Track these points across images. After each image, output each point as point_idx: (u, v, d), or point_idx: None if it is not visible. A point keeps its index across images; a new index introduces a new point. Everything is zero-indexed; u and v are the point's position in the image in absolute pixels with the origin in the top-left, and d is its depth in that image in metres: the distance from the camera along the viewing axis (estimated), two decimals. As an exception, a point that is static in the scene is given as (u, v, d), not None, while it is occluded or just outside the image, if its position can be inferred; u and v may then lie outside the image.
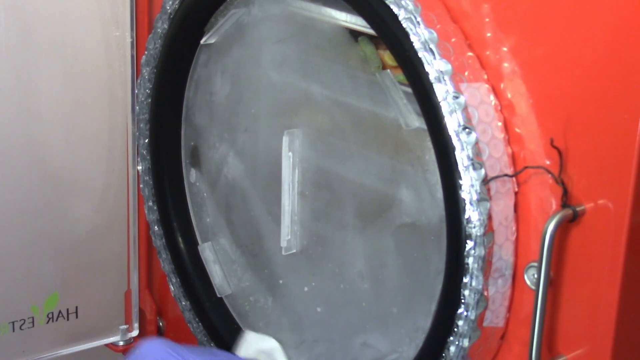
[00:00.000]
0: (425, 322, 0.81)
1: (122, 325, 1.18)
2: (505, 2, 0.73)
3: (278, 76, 0.99)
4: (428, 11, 0.75)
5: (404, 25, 0.75)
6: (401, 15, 0.75)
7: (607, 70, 0.67)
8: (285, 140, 0.97)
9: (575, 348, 0.71)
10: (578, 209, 0.68)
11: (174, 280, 1.09)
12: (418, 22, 0.74)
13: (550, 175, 0.69)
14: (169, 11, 1.01)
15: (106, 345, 1.19)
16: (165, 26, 1.02)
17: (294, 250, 1.00)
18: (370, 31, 0.83)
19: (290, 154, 0.97)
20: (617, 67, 0.66)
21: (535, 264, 0.69)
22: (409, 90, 0.79)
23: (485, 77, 0.75)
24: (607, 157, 0.67)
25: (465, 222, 0.70)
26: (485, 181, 0.70)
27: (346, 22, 0.89)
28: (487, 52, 0.76)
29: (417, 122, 0.81)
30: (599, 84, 0.67)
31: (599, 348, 0.69)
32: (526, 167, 0.71)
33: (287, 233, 0.99)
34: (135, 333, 1.19)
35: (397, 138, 0.86)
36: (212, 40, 1.02)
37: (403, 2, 0.75)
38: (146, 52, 1.05)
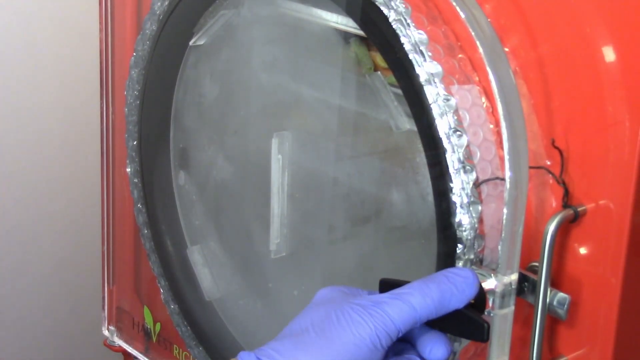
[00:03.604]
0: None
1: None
2: (506, 3, 0.73)
3: (268, 78, 0.98)
4: (418, 13, 0.75)
5: (394, 27, 0.75)
6: (391, 16, 0.75)
7: (609, 69, 0.67)
8: (274, 142, 0.96)
9: (577, 348, 0.70)
10: (579, 209, 0.68)
11: (162, 283, 1.09)
12: (408, 24, 0.74)
13: (550, 176, 0.69)
14: (157, 12, 1.00)
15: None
16: (154, 27, 1.01)
17: (283, 254, 0.99)
18: (360, 32, 0.83)
19: (279, 156, 0.97)
20: (619, 66, 0.66)
21: (536, 264, 0.69)
22: (400, 92, 0.79)
23: (477, 79, 0.75)
24: (609, 157, 0.66)
25: (455, 225, 0.70)
26: (477, 184, 0.70)
27: (337, 23, 0.88)
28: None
29: (407, 124, 0.80)
30: (601, 83, 0.67)
31: (601, 348, 0.68)
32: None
33: (277, 236, 0.98)
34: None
35: (387, 140, 0.86)
36: (201, 42, 1.01)
37: (393, 4, 0.75)
38: (134, 54, 1.04)
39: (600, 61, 0.67)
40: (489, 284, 0.66)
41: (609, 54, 0.67)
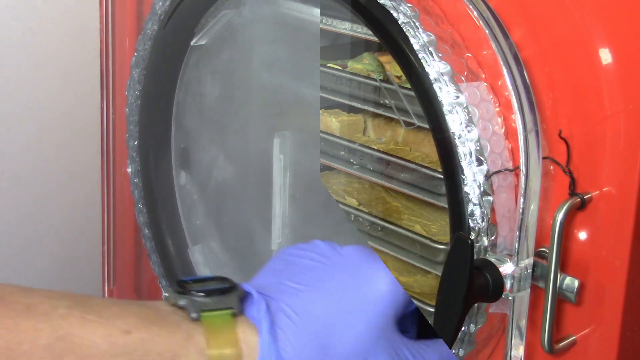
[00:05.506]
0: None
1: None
2: (507, 2, 0.74)
3: (269, 78, 0.99)
4: (426, 15, 0.76)
5: (404, 29, 0.75)
6: (400, 19, 0.76)
7: (609, 63, 0.68)
8: (276, 142, 0.97)
9: (584, 328, 0.72)
10: (585, 197, 0.70)
11: (163, 283, 1.08)
12: (417, 26, 0.75)
13: (555, 166, 0.71)
14: (158, 12, 1.00)
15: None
16: (155, 27, 1.01)
17: (285, 253, 0.99)
18: (360, 33, 0.84)
19: (281, 156, 0.97)
20: (620, 58, 0.68)
21: (543, 250, 0.71)
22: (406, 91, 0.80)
23: (484, 75, 0.76)
24: (608, 146, 0.68)
25: (468, 216, 0.71)
26: (488, 176, 0.71)
27: (337, 25, 0.89)
28: (485, 52, 0.77)
29: (416, 121, 0.81)
30: (601, 76, 0.69)
31: (607, 328, 0.70)
32: None
33: (278, 236, 0.99)
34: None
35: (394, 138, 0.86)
36: (202, 42, 1.02)
37: (402, 8, 0.76)
38: (135, 54, 1.04)
39: (600, 54, 0.69)
40: (507, 268, 0.68)
41: (610, 49, 0.68)
